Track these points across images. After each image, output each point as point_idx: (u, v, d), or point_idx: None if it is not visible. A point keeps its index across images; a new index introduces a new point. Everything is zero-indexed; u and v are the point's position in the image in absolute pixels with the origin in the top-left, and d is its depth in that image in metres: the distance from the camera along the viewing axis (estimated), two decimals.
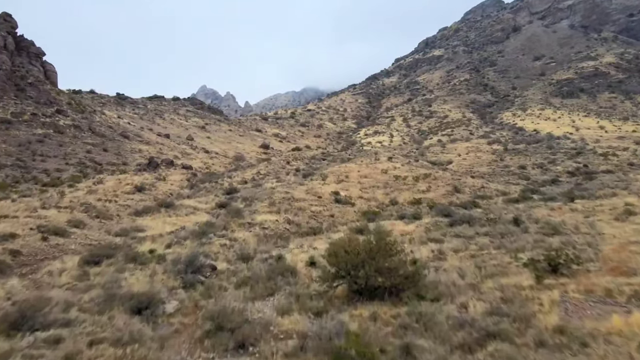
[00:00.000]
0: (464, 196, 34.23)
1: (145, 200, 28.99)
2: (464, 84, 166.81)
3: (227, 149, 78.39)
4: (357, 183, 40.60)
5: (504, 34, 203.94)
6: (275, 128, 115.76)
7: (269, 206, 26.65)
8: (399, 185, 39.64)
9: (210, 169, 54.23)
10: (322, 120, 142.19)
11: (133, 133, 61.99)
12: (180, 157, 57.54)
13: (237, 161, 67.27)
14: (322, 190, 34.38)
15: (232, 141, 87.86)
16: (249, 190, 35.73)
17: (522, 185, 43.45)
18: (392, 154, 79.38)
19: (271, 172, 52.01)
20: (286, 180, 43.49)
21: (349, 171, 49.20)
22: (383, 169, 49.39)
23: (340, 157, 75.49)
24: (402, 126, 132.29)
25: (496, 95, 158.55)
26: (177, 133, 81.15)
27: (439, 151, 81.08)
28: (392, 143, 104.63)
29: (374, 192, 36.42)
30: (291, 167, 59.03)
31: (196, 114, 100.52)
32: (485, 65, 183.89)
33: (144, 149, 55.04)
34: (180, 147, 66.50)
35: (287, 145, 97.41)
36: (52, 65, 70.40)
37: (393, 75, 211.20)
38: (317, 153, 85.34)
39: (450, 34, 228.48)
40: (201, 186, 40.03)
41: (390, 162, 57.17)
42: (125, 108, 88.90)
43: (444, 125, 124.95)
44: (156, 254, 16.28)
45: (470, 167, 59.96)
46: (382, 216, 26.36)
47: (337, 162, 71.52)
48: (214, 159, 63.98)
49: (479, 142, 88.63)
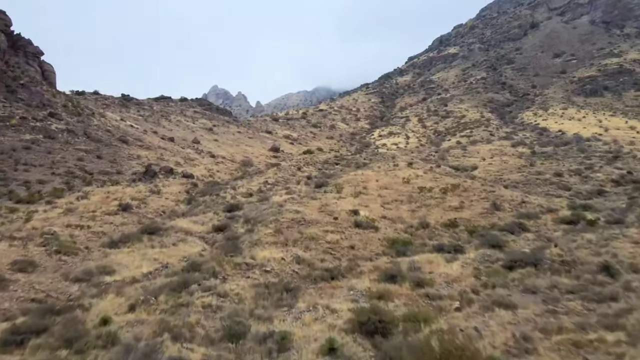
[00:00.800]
0: (504, 214, 28.75)
1: (128, 224, 24.10)
2: (481, 82, 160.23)
3: (234, 153, 73.61)
4: (377, 196, 35.34)
5: (522, 31, 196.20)
6: (286, 129, 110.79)
7: (274, 233, 21.53)
8: (426, 199, 34.27)
9: (214, 176, 49.37)
10: (334, 120, 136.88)
11: (134, 137, 57.44)
12: (183, 163, 52.79)
13: (245, 166, 62.39)
14: (338, 208, 29.21)
15: (240, 144, 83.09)
16: (253, 207, 30.69)
17: (565, 197, 37.79)
18: (410, 157, 73.91)
19: (280, 180, 46.95)
20: (296, 192, 38.38)
21: (366, 180, 43.94)
22: (404, 178, 44.04)
23: (355, 161, 70.17)
24: (418, 127, 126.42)
25: (515, 94, 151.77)
26: (183, 136, 76.60)
27: (460, 154, 75.31)
28: (409, 145, 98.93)
29: (398, 208, 31.17)
30: (302, 174, 53.93)
31: (204, 115, 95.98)
32: (502, 63, 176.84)
33: (143, 155, 50.37)
34: (185, 151, 61.83)
35: (299, 148, 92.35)
36: (50, 65, 66.22)
37: (407, 74, 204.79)
38: (329, 156, 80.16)
39: (465, 31, 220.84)
40: (200, 200, 35.09)
41: (411, 169, 51.73)
42: (130, 110, 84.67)
43: (461, 126, 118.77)
44: (108, 329, 11.25)
45: (498, 173, 54.16)
46: (413, 247, 21.09)
47: (351, 167, 66.25)
48: (220, 165, 59.16)
49: (502, 145, 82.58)
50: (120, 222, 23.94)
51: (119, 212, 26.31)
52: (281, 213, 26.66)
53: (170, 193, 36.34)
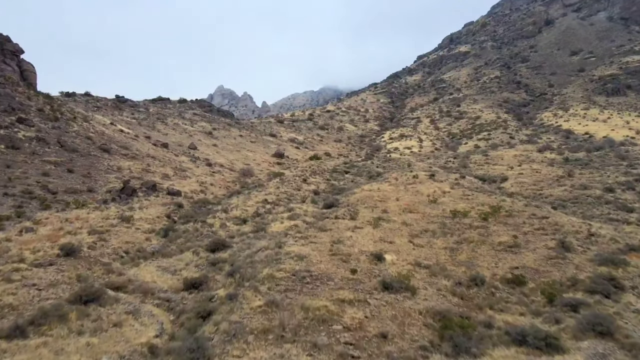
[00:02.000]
0: (578, 258, 21.15)
1: (61, 284, 16.79)
2: (495, 81, 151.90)
3: (234, 160, 66.37)
4: (401, 224, 27.91)
5: (536, 28, 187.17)
6: (291, 132, 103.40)
7: (264, 309, 14.19)
8: (464, 229, 26.80)
9: (206, 192, 42.06)
10: (342, 122, 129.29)
11: (119, 144, 50.34)
12: (172, 175, 45.57)
13: (244, 177, 55.10)
14: (354, 248, 21.86)
15: (241, 149, 75.87)
16: (245, 244, 23.36)
17: (635, 224, 30.11)
18: (428, 165, 66.21)
19: (282, 197, 39.58)
20: (301, 215, 31.04)
21: (384, 198, 36.46)
22: (429, 196, 36.49)
23: (367, 169, 62.59)
24: (430, 128, 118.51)
25: (531, 93, 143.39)
26: (179, 141, 69.50)
27: (483, 161, 67.47)
28: (423, 149, 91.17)
29: (432, 245, 23.76)
30: (308, 187, 46.57)
31: (203, 118, 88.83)
32: (516, 61, 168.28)
33: (126, 166, 43.20)
34: (177, 160, 54.65)
35: (304, 153, 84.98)
36: (30, 64, 59.25)
37: (416, 73, 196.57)
38: (338, 163, 72.72)
39: (476, 29, 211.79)
40: (181, 229, 27.79)
41: (433, 182, 44.12)
42: (124, 112, 77.72)
43: (477, 128, 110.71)
44: None
45: (535, 187, 46.24)
46: (477, 334, 13.63)
47: (363, 176, 58.75)
48: (216, 175, 51.89)
49: (526, 150, 74.59)
50: (48, 282, 16.64)
51: (57, 259, 19.14)
52: (279, 260, 19.31)
53: (146, 219, 29.08)
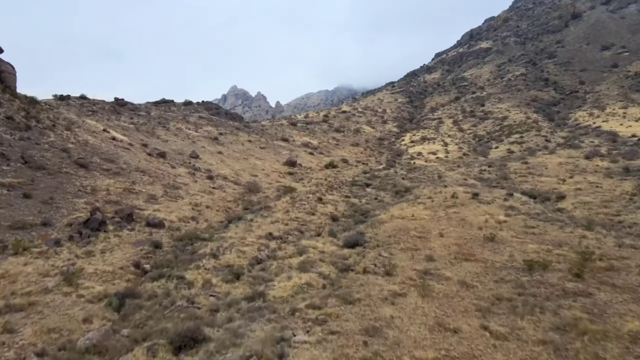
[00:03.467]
0: None
1: None
2: (521, 79, 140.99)
3: (240, 170, 58.09)
4: (459, 287, 19.05)
5: (562, 22, 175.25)
6: (305, 135, 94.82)
7: None
8: (556, 297, 17.94)
9: (198, 219, 33.67)
10: (359, 123, 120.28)
11: (103, 157, 42.32)
12: (160, 196, 37.35)
13: (249, 193, 46.70)
14: (401, 345, 13.35)
15: (249, 156, 67.58)
16: (230, 339, 14.80)
17: None
18: (462, 176, 56.96)
19: (292, 227, 31.08)
20: (316, 263, 22.53)
21: (423, 231, 27.62)
22: (482, 228, 27.64)
23: (391, 181, 53.63)
24: (454, 130, 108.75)
25: (561, 91, 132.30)
26: (180, 148, 61.47)
27: (524, 170, 57.91)
28: (449, 154, 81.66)
29: (519, 336, 15.00)
30: (324, 209, 37.88)
31: (210, 122, 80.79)
32: (542, 57, 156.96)
33: (104, 185, 35.09)
34: (173, 173, 46.51)
35: (319, 159, 76.35)
36: (9, 64, 51.67)
37: (435, 71, 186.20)
38: (357, 172, 63.94)
39: (498, 24, 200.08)
40: (145, 296, 19.35)
41: (479, 204, 35.09)
42: (122, 117, 70.06)
43: (506, 129, 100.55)
44: None
45: (606, 209, 36.49)
46: None
47: (388, 190, 49.83)
48: (215, 193, 43.58)
49: (571, 156, 64.70)
50: None
51: None
52: None
53: (102, 274, 20.78)
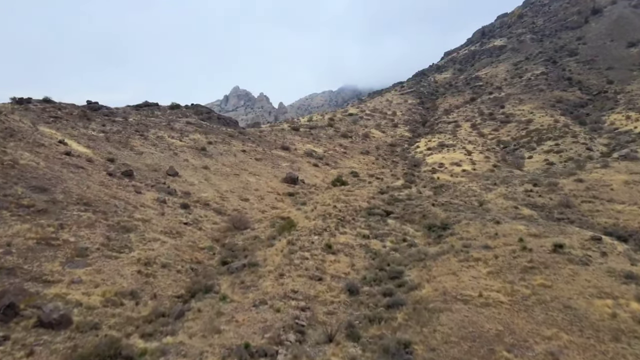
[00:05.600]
0: None
1: None
2: (542, 78, 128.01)
3: (228, 192, 46.02)
4: None
5: (582, 18, 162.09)
6: (308, 142, 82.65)
7: None
8: None
9: (139, 295, 21.41)
10: (367, 127, 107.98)
11: (34, 183, 30.12)
12: (96, 248, 25.23)
13: (234, 229, 34.53)
14: None
15: (242, 171, 55.47)
16: None
17: None
18: (511, 202, 44.73)
19: (288, 320, 19.00)
20: None
21: (513, 337, 15.82)
22: (617, 334, 15.86)
23: (419, 208, 41.31)
24: (474, 135, 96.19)
25: (586, 91, 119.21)
26: (156, 163, 49.39)
27: (585, 192, 45.54)
28: (476, 165, 69.23)
29: None
30: (335, 267, 25.69)
31: (199, 128, 68.70)
32: (562, 55, 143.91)
33: (8, 235, 23.12)
34: (134, 201, 34.31)
35: (325, 173, 64.16)
36: None
37: (445, 71, 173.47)
38: (372, 192, 51.61)
39: (512, 20, 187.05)
40: None
41: (577, 269, 23.07)
42: (91, 124, 58.02)
43: (534, 134, 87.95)
44: None
45: None
46: None
47: (416, 222, 37.65)
48: (185, 234, 31.35)
49: (632, 170, 52.31)
50: None
51: None
52: None
53: None
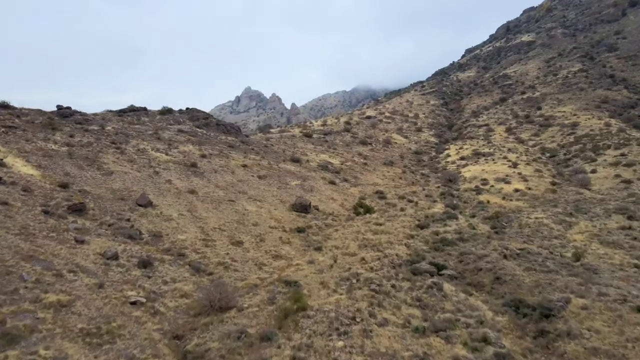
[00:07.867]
0: None
1: None
2: (581, 76, 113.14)
3: (216, 229, 33.65)
4: None
5: (618, 10, 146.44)
6: (323, 151, 69.97)
7: None
8: None
9: None
10: (388, 131, 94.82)
11: None
12: None
13: (211, 309, 21.88)
14: None
15: (240, 194, 43.01)
16: None
17: None
18: (612, 250, 31.61)
19: None
20: None
21: None
22: None
23: (489, 265, 27.95)
24: (511, 141, 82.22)
25: (634, 90, 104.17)
26: (127, 187, 37.17)
27: None
28: (528, 182, 55.65)
29: None
30: None
31: (192, 138, 56.42)
32: (600, 50, 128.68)
33: None
34: (64, 262, 22.22)
35: (344, 193, 51.39)
36: None
37: (469, 69, 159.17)
38: (407, 224, 38.56)
39: (540, 14, 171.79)
40: None
41: None
42: (56, 134, 46.09)
43: (585, 141, 73.98)
44: None
45: None
46: None
47: (486, 290, 23.61)
48: (121, 331, 18.95)
49: None
50: None
51: None
52: None
53: None
